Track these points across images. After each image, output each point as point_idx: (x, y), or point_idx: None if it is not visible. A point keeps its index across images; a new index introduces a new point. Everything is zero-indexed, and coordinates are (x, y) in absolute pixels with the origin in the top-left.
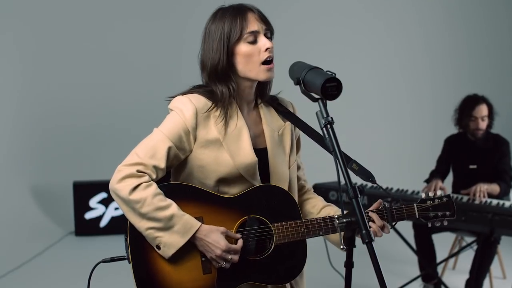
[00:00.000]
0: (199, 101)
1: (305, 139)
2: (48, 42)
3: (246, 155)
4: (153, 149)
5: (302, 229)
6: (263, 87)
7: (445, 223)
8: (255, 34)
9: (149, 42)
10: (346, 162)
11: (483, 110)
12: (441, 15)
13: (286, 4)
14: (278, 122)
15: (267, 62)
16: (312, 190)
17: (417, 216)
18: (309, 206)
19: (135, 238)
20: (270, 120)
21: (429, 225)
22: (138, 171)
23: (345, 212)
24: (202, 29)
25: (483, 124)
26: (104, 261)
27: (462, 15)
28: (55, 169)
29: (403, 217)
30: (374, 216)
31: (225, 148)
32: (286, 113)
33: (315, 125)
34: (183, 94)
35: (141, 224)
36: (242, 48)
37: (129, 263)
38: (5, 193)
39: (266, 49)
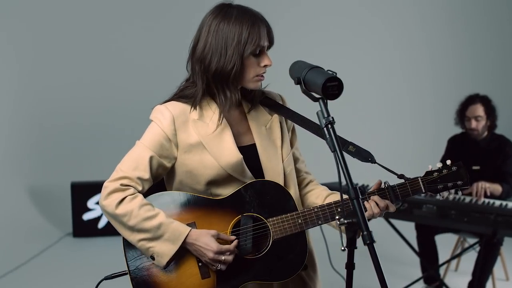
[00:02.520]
0: (175, 107)
1: (304, 138)
2: (45, 41)
3: (230, 154)
4: (135, 161)
5: (300, 221)
6: (246, 90)
7: (459, 194)
8: (261, 48)
9: (148, 41)
10: (342, 145)
11: (476, 110)
12: (443, 14)
13: (287, 3)
14: (264, 116)
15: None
16: (316, 180)
17: (423, 191)
18: (313, 197)
19: (131, 251)
20: (255, 115)
21: (441, 197)
22: (122, 184)
23: (345, 211)
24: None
25: (476, 125)
26: (106, 278)
27: (464, 14)
28: (52, 170)
29: (407, 193)
30: (376, 198)
31: (208, 150)
32: (274, 106)
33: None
34: (161, 103)
35: (132, 237)
36: (247, 59)
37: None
38: (2, 193)
39: (264, 66)
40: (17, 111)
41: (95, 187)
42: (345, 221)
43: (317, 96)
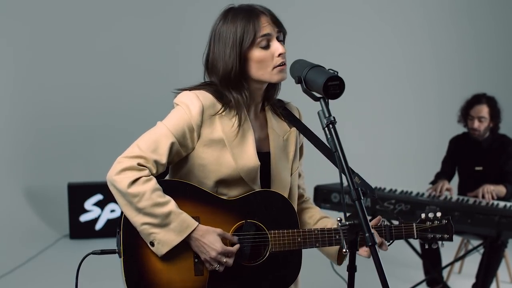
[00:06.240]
0: (207, 99)
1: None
2: (41, 42)
3: (250, 158)
4: (155, 143)
5: (299, 239)
6: (271, 89)
7: (443, 246)
8: (268, 38)
9: (144, 41)
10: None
11: (481, 110)
12: (448, 12)
13: (288, 1)
14: (283, 127)
15: (279, 65)
16: (310, 199)
17: (415, 237)
18: (306, 216)
19: (129, 232)
20: (276, 125)
21: (426, 246)
22: (139, 164)
23: (348, 215)
24: (198, 28)
25: (479, 125)
26: (94, 253)
27: (469, 13)
28: (49, 171)
29: (401, 236)
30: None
31: (229, 150)
32: (292, 119)
33: (317, 125)
34: (190, 89)
35: (136, 219)
36: (255, 53)
37: (120, 257)
38: None
39: (279, 55)
40: (13, 112)
41: (92, 188)
42: (347, 223)
43: (318, 95)
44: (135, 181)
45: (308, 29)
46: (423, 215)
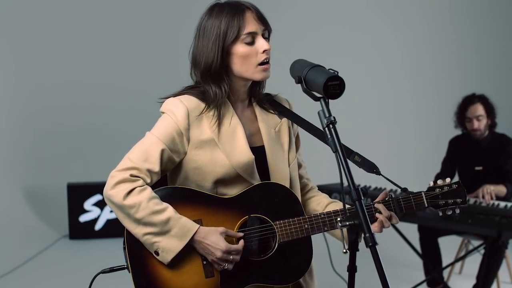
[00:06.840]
0: (191, 102)
1: (305, 138)
2: (41, 41)
3: (242, 153)
4: (146, 152)
5: (306, 226)
6: (256, 85)
7: (457, 211)
8: (252, 35)
9: (144, 41)
10: (347, 154)
11: (476, 110)
12: (447, 13)
13: (288, 1)
14: (274, 119)
15: (263, 63)
16: (316, 188)
17: (426, 205)
18: (314, 204)
19: (133, 246)
20: (265, 118)
21: (440, 214)
22: (131, 175)
23: (348, 213)
24: None
25: (479, 124)
26: (103, 271)
27: (469, 13)
28: (48, 171)
29: (411, 206)
30: (380, 206)
31: (220, 148)
32: (282, 110)
33: (317, 125)
34: (174, 95)
35: (137, 230)
36: (239, 48)
37: (129, 272)
38: None
39: (264, 51)
40: (13, 111)
41: (92, 188)
42: (347, 223)
43: (318, 95)
44: (129, 192)
45: (308, 29)
46: (431, 183)
